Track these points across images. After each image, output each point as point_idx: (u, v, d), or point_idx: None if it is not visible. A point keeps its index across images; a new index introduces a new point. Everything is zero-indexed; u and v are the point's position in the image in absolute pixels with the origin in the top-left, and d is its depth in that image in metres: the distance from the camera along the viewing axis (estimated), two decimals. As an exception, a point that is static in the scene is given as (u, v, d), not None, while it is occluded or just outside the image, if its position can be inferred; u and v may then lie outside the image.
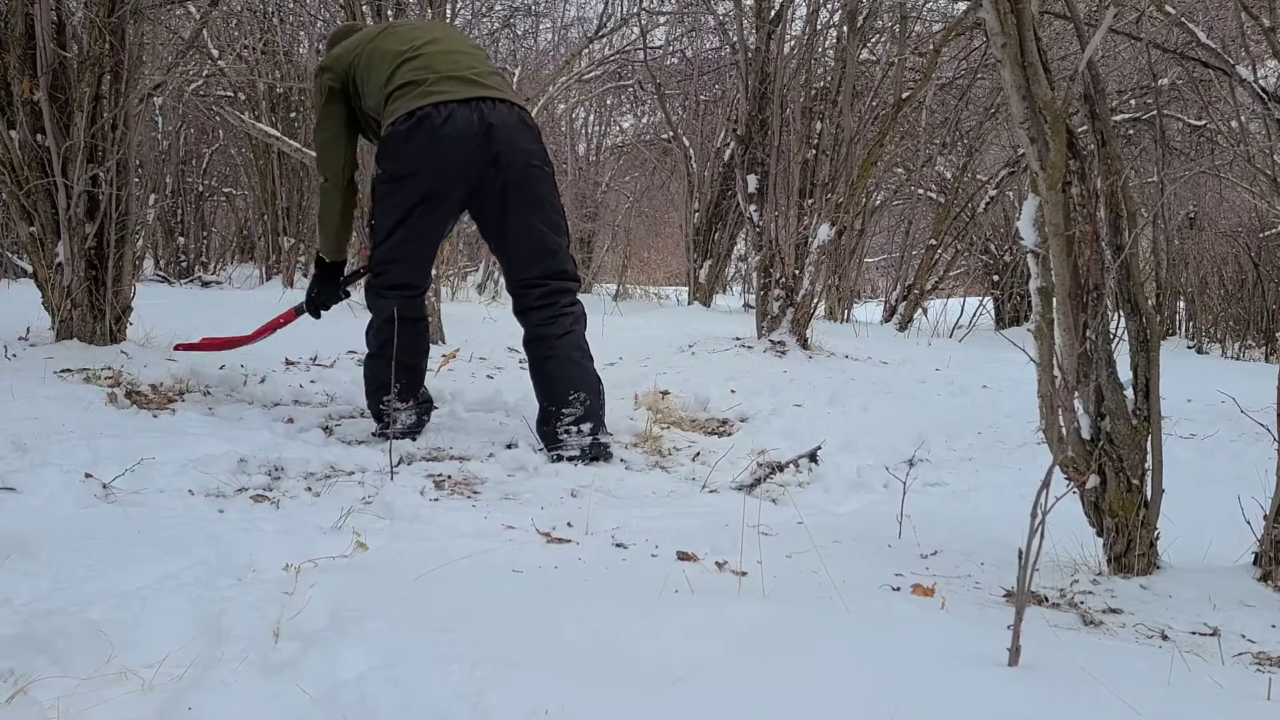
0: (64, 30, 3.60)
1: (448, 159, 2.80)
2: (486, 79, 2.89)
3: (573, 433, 2.94)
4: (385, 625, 1.48)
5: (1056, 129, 1.86)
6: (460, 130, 2.77)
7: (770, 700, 1.31)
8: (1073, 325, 1.94)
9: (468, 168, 2.82)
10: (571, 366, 2.98)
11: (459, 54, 2.93)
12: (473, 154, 2.80)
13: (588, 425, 2.95)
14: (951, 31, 5.36)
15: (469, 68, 2.88)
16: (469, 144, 2.78)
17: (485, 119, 2.79)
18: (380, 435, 2.93)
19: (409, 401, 3.03)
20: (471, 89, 2.83)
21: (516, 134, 2.84)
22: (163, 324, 4.09)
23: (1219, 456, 3.08)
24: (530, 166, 2.88)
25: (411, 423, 3.04)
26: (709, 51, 8.68)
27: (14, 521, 1.91)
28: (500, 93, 2.87)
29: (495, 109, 2.81)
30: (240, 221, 10.65)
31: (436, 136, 2.77)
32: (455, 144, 2.78)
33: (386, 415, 2.95)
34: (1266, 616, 1.85)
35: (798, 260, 4.81)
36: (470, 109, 2.78)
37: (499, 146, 2.80)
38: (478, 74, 2.89)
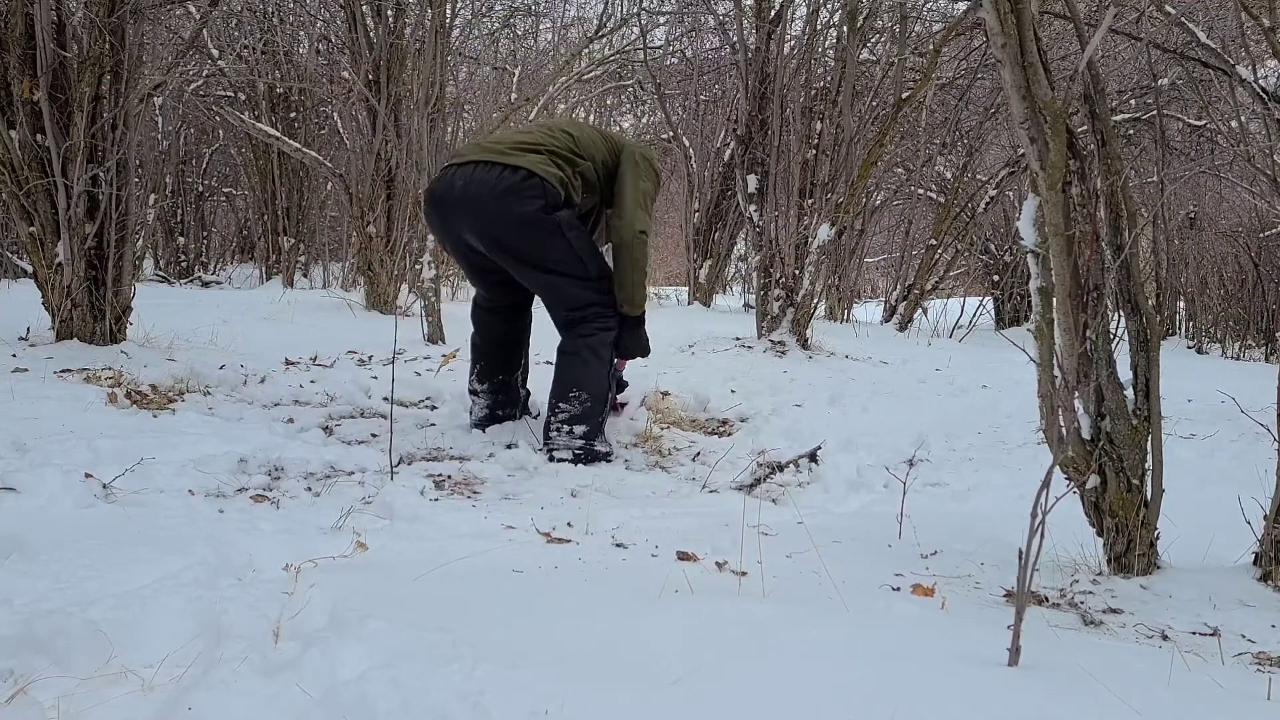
0: (64, 30, 3.61)
1: (433, 222, 3.10)
2: (501, 145, 3.00)
3: (562, 432, 2.95)
4: (385, 625, 1.48)
5: (1056, 129, 1.86)
6: (440, 196, 3.02)
7: (770, 700, 1.31)
8: (1073, 325, 1.94)
9: (449, 229, 3.05)
10: (580, 365, 3.01)
11: (513, 130, 3.19)
12: (448, 217, 3.02)
13: (580, 428, 2.95)
14: (951, 31, 5.37)
15: (500, 139, 3.06)
16: (446, 207, 3.01)
17: (462, 186, 2.95)
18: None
19: (485, 385, 3.23)
20: (474, 153, 3.02)
21: (486, 199, 2.91)
22: (163, 324, 4.09)
23: (1219, 456, 3.07)
24: (500, 229, 2.94)
25: (483, 415, 3.23)
26: (709, 51, 8.67)
27: (14, 521, 1.91)
28: (498, 156, 2.94)
29: (475, 172, 2.94)
30: (240, 221, 10.66)
31: (427, 202, 3.09)
32: (435, 209, 3.05)
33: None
34: (1266, 616, 1.85)
35: (798, 260, 4.81)
36: (456, 174, 2.98)
37: (469, 210, 2.95)
38: (497, 141, 3.05)
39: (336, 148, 8.12)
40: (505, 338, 3.25)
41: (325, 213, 9.37)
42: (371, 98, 5.90)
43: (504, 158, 2.93)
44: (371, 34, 5.96)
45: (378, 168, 5.97)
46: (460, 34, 8.20)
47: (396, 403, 3.48)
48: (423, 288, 4.97)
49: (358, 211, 6.05)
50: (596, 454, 2.97)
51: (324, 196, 9.14)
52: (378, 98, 5.86)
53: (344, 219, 9.05)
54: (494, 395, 3.23)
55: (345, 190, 6.21)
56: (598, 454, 2.97)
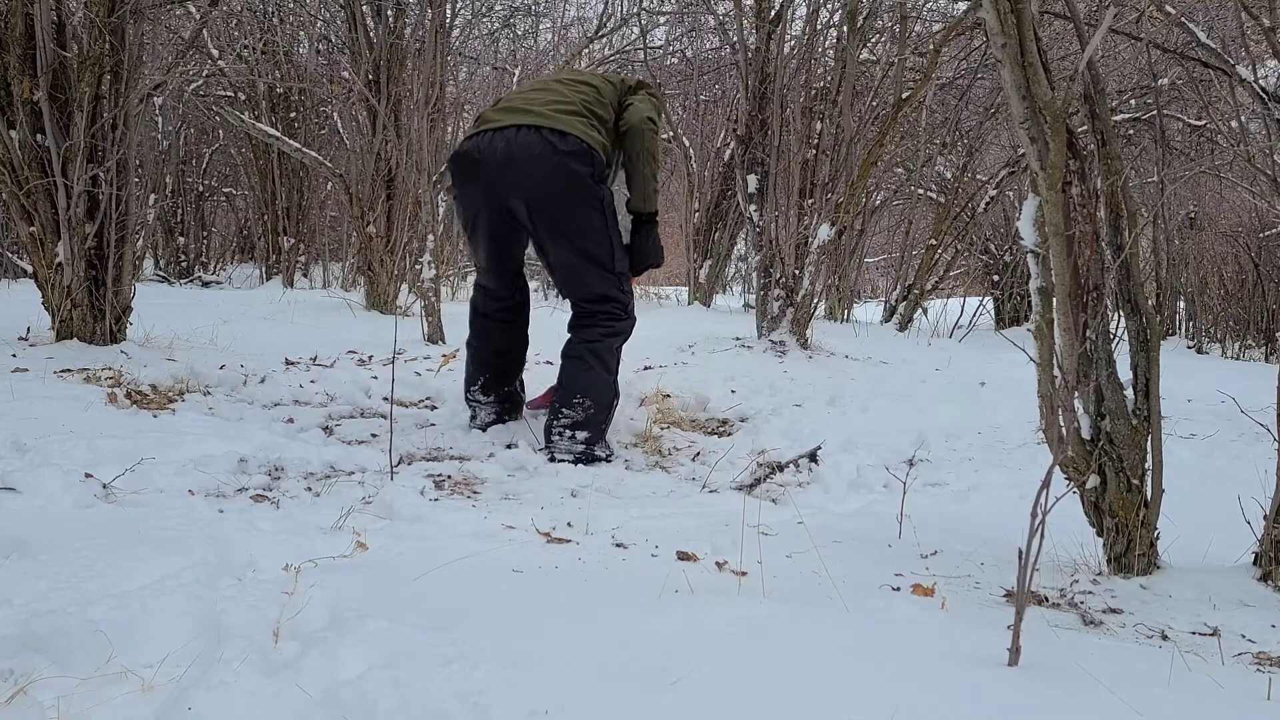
0: (64, 30, 3.61)
1: (470, 189, 2.97)
2: (537, 107, 2.91)
3: (564, 436, 2.95)
4: (385, 625, 1.48)
5: (1056, 129, 1.86)
6: (480, 160, 2.90)
7: (770, 700, 1.31)
8: (1073, 325, 1.94)
9: (489, 196, 2.94)
10: (585, 371, 3.01)
11: (537, 90, 3.01)
12: (491, 184, 2.91)
13: (583, 434, 2.95)
14: (951, 31, 5.36)
15: (531, 100, 2.95)
16: (488, 173, 2.89)
17: (505, 148, 2.85)
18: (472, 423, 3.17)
19: (490, 396, 3.18)
20: (511, 117, 2.91)
21: (534, 161, 2.84)
22: (163, 324, 4.09)
23: (1219, 456, 3.08)
24: (549, 194, 2.87)
25: (490, 420, 3.20)
26: (709, 51, 8.67)
27: (14, 521, 1.91)
28: (540, 119, 2.86)
29: (519, 135, 2.85)
30: (240, 221, 10.65)
31: (462, 167, 2.96)
32: (474, 173, 2.92)
33: (470, 404, 3.20)
34: (1266, 616, 1.85)
35: (798, 260, 4.81)
36: (495, 138, 2.88)
37: (514, 174, 2.86)
38: (530, 102, 2.94)
39: (336, 148, 8.12)
40: (508, 346, 3.24)
41: (325, 213, 9.37)
42: (371, 98, 5.90)
43: (549, 121, 2.85)
44: (371, 34, 5.97)
45: (378, 168, 5.97)
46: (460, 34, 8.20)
47: (396, 403, 3.48)
48: (423, 288, 4.97)
49: (358, 211, 6.05)
50: (595, 459, 2.97)
51: (324, 196, 9.14)
52: (378, 98, 5.86)
53: (344, 219, 9.05)
54: (500, 404, 3.23)
55: (345, 190, 6.21)
56: (597, 459, 2.97)
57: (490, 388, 3.20)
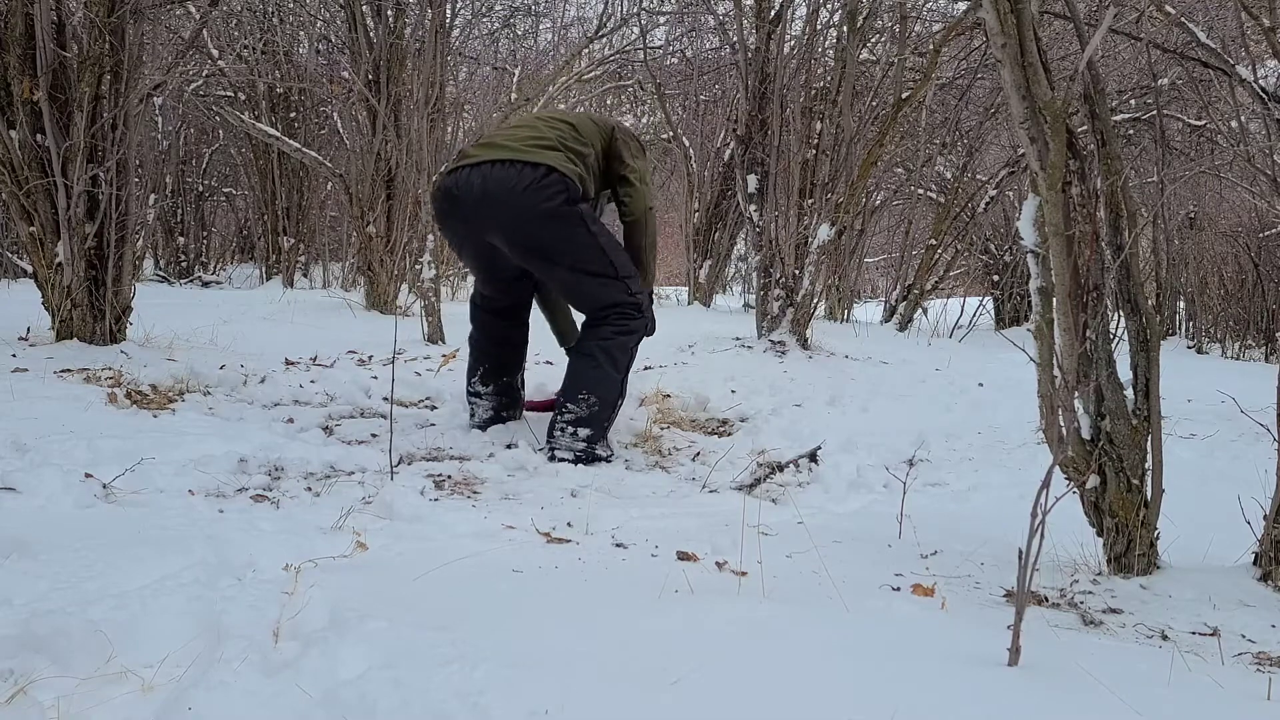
0: (64, 30, 3.61)
1: (451, 224, 3.06)
2: (513, 143, 2.95)
3: (566, 433, 2.96)
4: (385, 625, 1.48)
5: (1056, 129, 1.86)
6: (459, 196, 2.97)
7: (770, 700, 1.31)
8: (1073, 325, 1.94)
9: (469, 231, 3.03)
10: (594, 368, 3.01)
11: (517, 126, 3.05)
12: (469, 219, 2.99)
13: (585, 431, 2.95)
14: (951, 31, 5.36)
15: (509, 136, 3.00)
16: (465, 209, 2.97)
17: (481, 183, 2.91)
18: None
19: (489, 386, 3.21)
20: (488, 153, 2.96)
21: (508, 194, 2.89)
22: (163, 324, 4.09)
23: (1219, 456, 3.08)
24: (527, 223, 2.92)
25: (487, 417, 3.22)
26: (709, 51, 8.67)
27: (14, 521, 1.91)
28: (514, 153, 2.91)
29: (494, 170, 2.91)
30: (240, 221, 10.66)
31: (442, 203, 3.04)
32: (453, 210, 3.01)
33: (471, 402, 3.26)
34: (1266, 616, 1.85)
35: (798, 260, 4.81)
36: (471, 173, 2.94)
37: (490, 208, 2.92)
38: (508, 138, 2.99)
39: (336, 148, 8.12)
40: (508, 338, 3.26)
41: (325, 213, 9.37)
42: (371, 98, 5.90)
43: (523, 155, 2.90)
44: (371, 34, 5.97)
45: (378, 168, 5.97)
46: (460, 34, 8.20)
47: (396, 403, 3.48)
48: (423, 288, 4.97)
49: (358, 211, 6.05)
50: (597, 458, 2.97)
51: (324, 196, 9.14)
52: (378, 98, 5.86)
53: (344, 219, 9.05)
54: (498, 397, 3.23)
55: (345, 190, 6.21)
56: (598, 458, 2.97)
57: (489, 378, 3.22)
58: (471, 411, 3.25)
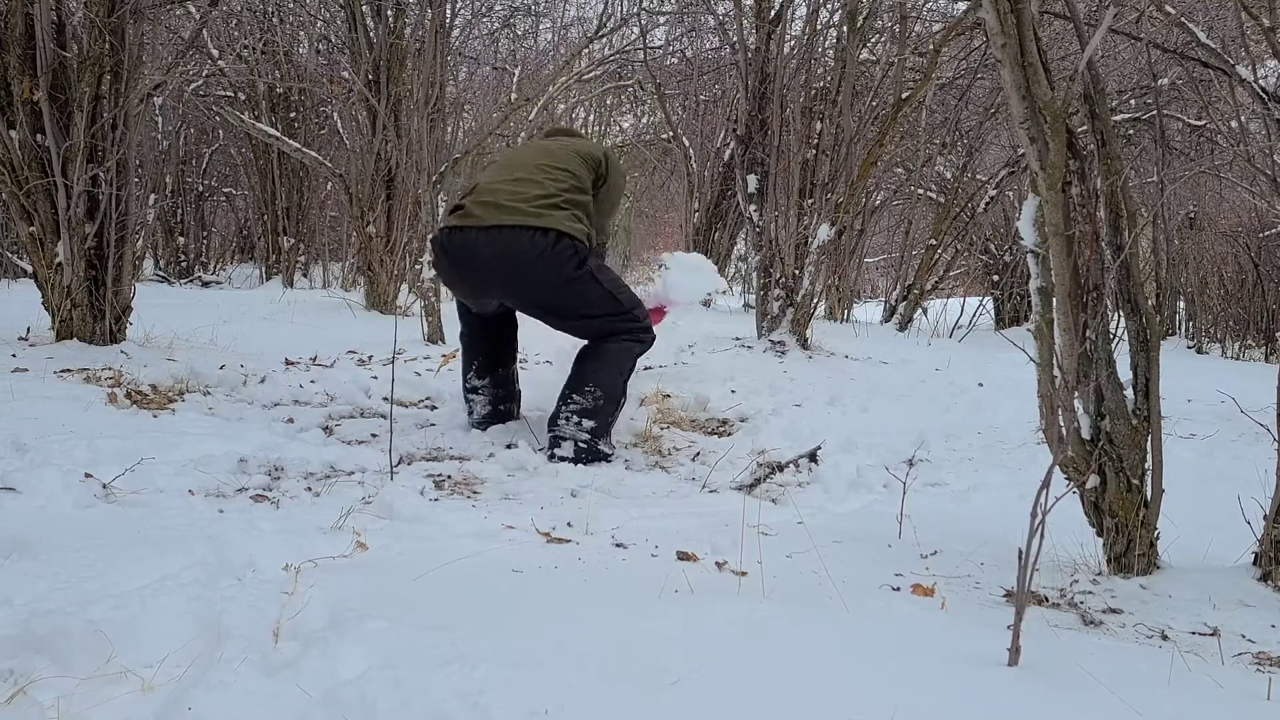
0: (64, 30, 3.61)
1: (458, 281, 3.11)
2: (519, 203, 2.94)
3: (571, 421, 2.98)
4: (385, 625, 1.48)
5: (1056, 129, 1.86)
6: (463, 260, 3.00)
7: (770, 700, 1.31)
8: (1073, 325, 1.94)
9: (475, 291, 3.11)
10: (600, 364, 3.05)
11: (519, 180, 3.01)
12: (477, 283, 3.06)
13: (589, 423, 2.97)
14: (951, 31, 5.36)
15: (514, 194, 2.97)
16: (473, 271, 3.01)
17: (491, 250, 2.93)
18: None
19: (485, 379, 3.23)
20: (495, 215, 2.94)
21: (521, 260, 2.91)
22: (163, 324, 4.09)
23: (1219, 456, 3.07)
24: (540, 288, 2.98)
25: (486, 412, 3.23)
26: (709, 51, 8.67)
27: (14, 521, 1.91)
28: (524, 217, 2.91)
29: (504, 236, 2.91)
30: (240, 221, 10.66)
31: (444, 260, 3.07)
32: (457, 271, 3.05)
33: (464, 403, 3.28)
34: (1266, 616, 1.85)
35: (798, 260, 4.81)
36: (479, 237, 2.95)
37: (502, 275, 2.96)
38: (513, 197, 2.96)
39: (336, 148, 8.12)
40: (498, 330, 3.30)
41: (325, 213, 9.38)
42: (371, 98, 5.90)
43: (531, 219, 2.91)
44: (371, 34, 5.97)
45: (378, 168, 5.97)
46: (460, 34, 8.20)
47: (396, 403, 3.48)
48: (423, 288, 4.97)
49: (358, 211, 6.05)
50: (599, 453, 2.97)
51: (324, 196, 9.14)
52: (378, 98, 5.86)
53: (344, 219, 9.05)
54: (496, 389, 3.26)
55: (345, 190, 6.22)
56: (600, 453, 2.98)
57: (485, 370, 3.24)
58: (470, 408, 3.25)
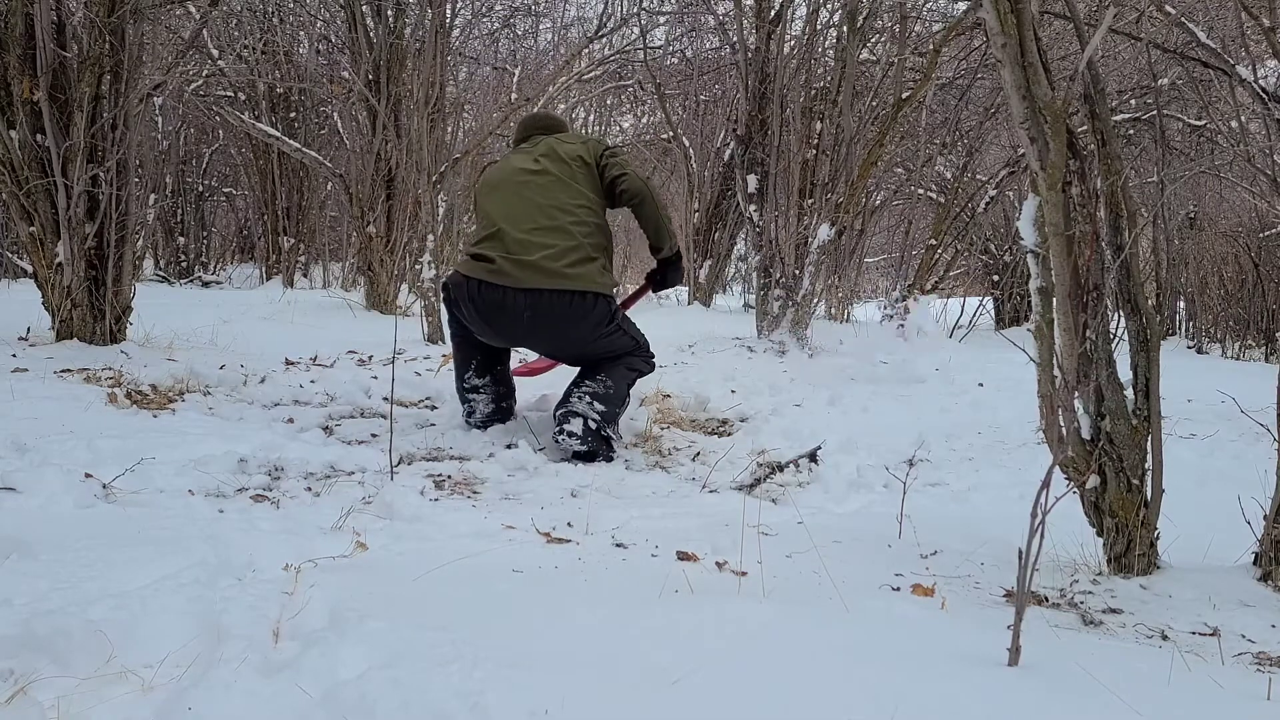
0: (64, 30, 3.61)
1: (482, 329, 3.13)
2: (550, 263, 3.01)
3: (584, 400, 3.03)
4: (385, 625, 1.48)
5: (1056, 129, 1.86)
6: (496, 318, 3.06)
7: (770, 700, 1.31)
8: (1073, 325, 1.94)
9: (502, 339, 3.18)
10: (616, 368, 3.16)
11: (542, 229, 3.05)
12: (507, 333, 3.13)
13: (600, 407, 3.02)
14: (951, 31, 5.36)
15: (545, 247, 3.03)
16: (502, 324, 3.08)
17: (531, 315, 3.03)
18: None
19: (485, 377, 3.25)
20: (529, 277, 3.00)
21: (560, 323, 3.06)
22: (163, 324, 4.09)
23: (1219, 456, 3.07)
24: (576, 343, 3.14)
25: (490, 410, 3.26)
26: (709, 51, 8.67)
27: (14, 521, 1.91)
28: (559, 280, 3.01)
29: (542, 300, 3.01)
30: (240, 221, 10.66)
31: (476, 311, 3.08)
32: (488, 323, 3.09)
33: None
34: (1266, 616, 1.85)
35: (798, 260, 4.81)
36: (513, 297, 3.01)
37: (539, 333, 3.10)
38: (545, 255, 3.02)
39: (336, 148, 8.12)
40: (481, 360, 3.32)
41: (325, 213, 9.38)
42: (371, 98, 5.90)
43: (569, 282, 3.01)
44: (371, 34, 5.97)
45: (378, 168, 5.97)
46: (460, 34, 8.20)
47: (396, 403, 3.48)
48: (423, 288, 4.97)
49: (358, 211, 6.05)
50: (604, 439, 3.03)
51: (324, 196, 9.14)
52: (378, 98, 5.87)
53: (344, 219, 9.05)
54: (497, 386, 3.28)
55: (345, 190, 6.22)
56: (605, 440, 3.03)
57: (484, 369, 3.25)
58: (471, 409, 3.25)
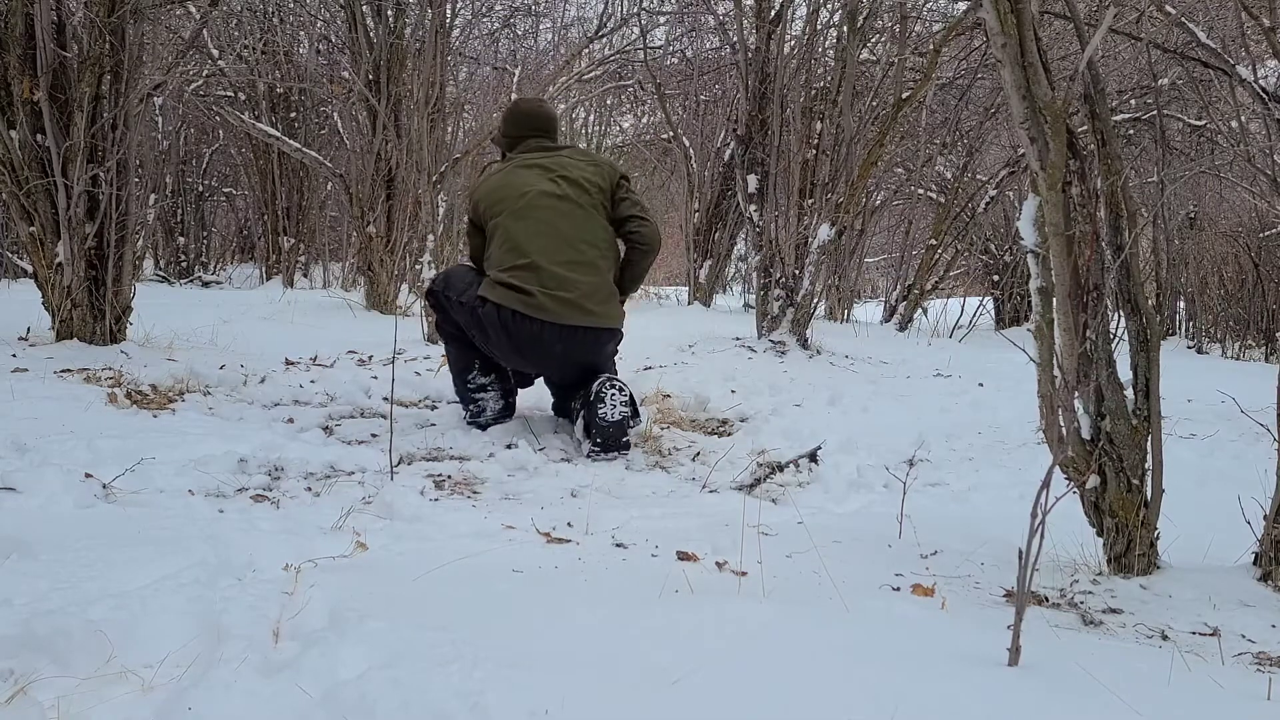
0: (64, 30, 3.61)
1: (507, 355, 3.19)
2: (586, 302, 3.13)
3: (614, 386, 3.09)
4: (385, 625, 1.48)
5: (1056, 129, 1.85)
6: (532, 346, 3.13)
7: (770, 700, 1.31)
8: (1073, 325, 1.94)
9: (529, 365, 3.27)
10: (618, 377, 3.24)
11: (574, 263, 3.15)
12: (536, 362, 3.23)
13: (627, 394, 3.11)
14: (951, 31, 5.36)
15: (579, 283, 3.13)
16: (535, 354, 3.16)
17: (574, 347, 3.15)
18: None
19: (490, 375, 3.30)
20: (565, 313, 3.10)
21: (595, 352, 3.21)
22: (163, 324, 4.09)
23: (1219, 456, 3.07)
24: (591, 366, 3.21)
25: (500, 406, 3.31)
26: (709, 51, 8.67)
27: (14, 521, 1.91)
28: (591, 318, 3.14)
29: (577, 336, 3.13)
30: (240, 221, 10.66)
31: (508, 338, 3.12)
32: (521, 353, 3.16)
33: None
34: (1266, 616, 1.85)
35: (798, 260, 4.81)
36: (551, 331, 3.10)
37: (567, 363, 3.19)
38: (579, 291, 3.13)
39: (336, 148, 8.12)
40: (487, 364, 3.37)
41: (325, 213, 9.38)
42: (371, 98, 5.90)
43: (604, 320, 3.18)
44: (371, 34, 5.97)
45: (378, 168, 5.97)
46: (460, 34, 8.20)
47: (396, 403, 3.48)
48: (422, 288, 4.97)
49: (358, 211, 6.05)
50: (637, 412, 3.15)
51: (324, 196, 9.14)
52: (378, 98, 5.87)
53: (344, 219, 9.05)
54: (502, 383, 3.31)
55: (345, 190, 6.22)
56: (637, 414, 3.15)
57: (488, 368, 3.28)
58: (480, 408, 3.27)
